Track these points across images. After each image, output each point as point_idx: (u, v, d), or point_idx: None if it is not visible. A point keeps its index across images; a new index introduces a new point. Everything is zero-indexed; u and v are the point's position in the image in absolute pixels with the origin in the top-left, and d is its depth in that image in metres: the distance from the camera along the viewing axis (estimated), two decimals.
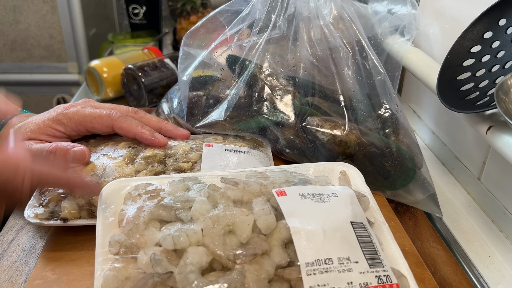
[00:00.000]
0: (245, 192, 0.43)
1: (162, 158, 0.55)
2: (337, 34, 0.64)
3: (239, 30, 0.67)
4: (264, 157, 0.61)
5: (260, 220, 0.40)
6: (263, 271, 0.37)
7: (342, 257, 0.38)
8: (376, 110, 0.63)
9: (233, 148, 0.59)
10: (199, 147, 0.58)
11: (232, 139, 0.62)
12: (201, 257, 0.37)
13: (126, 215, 0.41)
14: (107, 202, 0.43)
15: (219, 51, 0.68)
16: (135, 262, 0.38)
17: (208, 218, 0.40)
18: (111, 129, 0.57)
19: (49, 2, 1.42)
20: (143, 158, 0.54)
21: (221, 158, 0.56)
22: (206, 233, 0.39)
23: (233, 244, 0.38)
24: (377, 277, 0.38)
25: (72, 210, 0.49)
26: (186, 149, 0.57)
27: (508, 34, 0.51)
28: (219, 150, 0.58)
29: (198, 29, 0.70)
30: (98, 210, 0.43)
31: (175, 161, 0.55)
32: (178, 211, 0.41)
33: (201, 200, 0.42)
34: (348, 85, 0.63)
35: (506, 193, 0.57)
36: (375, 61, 0.64)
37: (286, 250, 0.39)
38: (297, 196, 0.43)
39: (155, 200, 0.42)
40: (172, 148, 0.57)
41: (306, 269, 0.37)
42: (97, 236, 0.40)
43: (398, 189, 0.60)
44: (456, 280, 0.50)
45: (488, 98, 0.49)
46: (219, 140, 0.61)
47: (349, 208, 0.43)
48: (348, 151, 0.59)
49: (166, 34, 1.18)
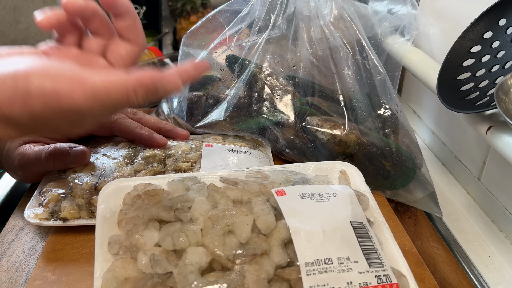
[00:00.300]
0: (245, 192, 0.43)
1: (161, 158, 0.55)
2: (337, 34, 0.64)
3: (238, 30, 0.67)
4: (264, 156, 0.60)
5: (260, 220, 0.40)
6: (263, 271, 0.37)
7: (342, 257, 0.38)
8: (376, 110, 0.63)
9: (233, 148, 0.59)
10: (199, 147, 0.58)
11: (231, 139, 0.62)
12: (201, 257, 0.37)
13: (126, 215, 0.41)
14: (106, 202, 0.43)
15: (219, 51, 0.68)
16: (134, 263, 0.38)
17: (207, 218, 0.40)
18: (109, 131, 0.57)
19: (49, 2, 1.42)
20: (143, 158, 0.54)
21: (221, 158, 0.56)
22: (205, 233, 0.39)
23: (232, 244, 0.38)
24: (376, 276, 0.38)
25: (72, 210, 0.49)
26: (185, 149, 0.57)
27: (508, 34, 0.51)
28: (218, 150, 0.58)
29: (197, 29, 0.70)
30: (97, 211, 0.42)
31: (175, 161, 0.55)
32: (178, 211, 0.41)
33: (201, 200, 0.42)
34: (348, 85, 0.63)
35: (506, 193, 0.57)
36: (375, 61, 0.64)
37: (285, 250, 0.39)
38: (296, 195, 0.43)
39: (155, 200, 0.42)
40: (172, 148, 0.57)
41: (306, 269, 0.37)
42: (97, 237, 0.40)
43: (398, 189, 0.60)
44: (456, 279, 0.50)
45: (488, 98, 0.49)
46: (219, 140, 0.61)
47: (349, 207, 0.43)
48: (348, 151, 0.59)
49: (166, 34, 1.18)
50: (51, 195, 0.50)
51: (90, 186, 0.51)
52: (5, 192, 0.64)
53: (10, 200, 0.63)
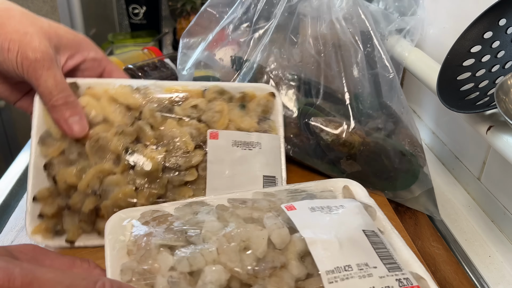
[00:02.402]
0: (255, 209, 0.43)
1: (162, 165, 0.49)
2: (348, 30, 0.62)
3: (235, 21, 0.66)
4: (274, 140, 0.55)
5: (274, 234, 0.39)
6: (284, 284, 0.37)
7: (361, 263, 0.38)
8: (382, 110, 0.63)
9: (241, 138, 0.53)
10: (203, 136, 0.52)
11: (237, 111, 0.55)
12: (220, 275, 0.37)
13: (136, 242, 0.40)
14: (114, 233, 0.42)
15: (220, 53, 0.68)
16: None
17: (221, 237, 0.39)
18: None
19: (49, 2, 1.42)
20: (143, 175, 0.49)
21: (229, 163, 0.51)
22: (221, 251, 0.38)
23: (250, 260, 0.38)
24: (397, 280, 0.38)
25: (75, 229, 0.48)
26: (189, 145, 0.50)
27: (508, 34, 0.51)
28: (225, 145, 0.52)
29: (193, 27, 0.69)
30: (105, 241, 0.41)
31: (177, 168, 0.50)
32: (189, 233, 0.40)
33: (211, 220, 0.41)
34: (355, 84, 0.63)
35: (506, 193, 0.57)
36: (385, 60, 0.63)
37: (303, 263, 0.39)
38: (306, 209, 0.43)
39: (164, 225, 0.41)
40: (169, 141, 0.50)
41: (327, 277, 0.36)
42: (107, 266, 0.39)
43: (400, 190, 0.60)
44: (456, 279, 0.50)
45: (488, 98, 0.49)
46: (225, 114, 0.54)
47: (359, 217, 0.43)
48: (352, 151, 0.59)
49: (166, 34, 1.18)
50: (48, 211, 0.48)
51: (91, 211, 0.48)
52: (5, 192, 0.64)
53: (10, 200, 0.63)
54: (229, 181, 0.51)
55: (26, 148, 0.76)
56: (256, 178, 0.52)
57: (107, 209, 0.47)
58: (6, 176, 0.68)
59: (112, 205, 0.47)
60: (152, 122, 0.51)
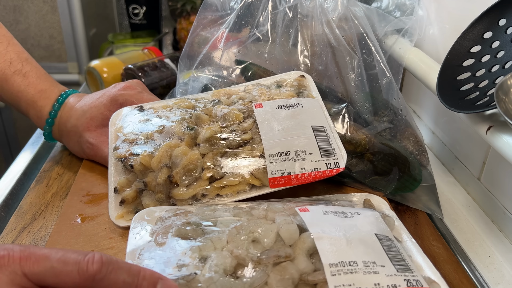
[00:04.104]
0: (269, 211, 0.45)
1: (220, 135, 0.54)
2: (342, 37, 0.64)
3: (229, 24, 0.68)
4: (313, 101, 0.59)
5: (283, 229, 0.40)
6: (287, 273, 0.37)
7: (368, 260, 0.38)
8: (381, 113, 0.63)
9: (283, 103, 0.58)
10: (249, 108, 0.57)
11: (274, 90, 0.61)
12: (225, 259, 0.38)
13: (156, 232, 0.43)
14: (140, 225, 0.45)
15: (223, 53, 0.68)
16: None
17: (232, 228, 0.41)
18: None
19: (49, 2, 1.42)
20: (205, 141, 0.53)
21: (276, 120, 0.55)
22: (230, 240, 0.40)
23: (257, 249, 0.39)
24: (406, 280, 0.37)
25: (153, 204, 0.51)
26: (238, 115, 0.56)
27: (508, 34, 0.51)
28: (270, 109, 0.57)
29: (193, 39, 0.72)
30: (129, 233, 0.44)
31: (231, 132, 0.54)
32: (204, 225, 0.42)
33: (226, 215, 0.44)
34: (353, 87, 0.63)
35: (506, 193, 0.57)
36: (381, 63, 0.64)
37: (310, 260, 0.39)
38: (320, 212, 0.43)
39: (183, 219, 0.44)
40: (222, 118, 0.56)
41: (330, 269, 0.37)
42: (127, 251, 0.42)
43: (401, 192, 0.60)
44: (457, 278, 0.50)
45: (488, 98, 0.49)
46: (265, 94, 0.60)
47: (373, 224, 0.43)
48: (358, 150, 0.59)
49: (166, 34, 1.18)
50: (128, 194, 0.52)
51: (165, 181, 0.51)
52: (5, 192, 0.64)
53: (10, 200, 0.63)
54: (281, 133, 0.54)
55: (26, 148, 0.76)
56: (305, 128, 0.55)
57: (178, 174, 0.51)
58: (6, 176, 0.68)
59: (183, 170, 0.51)
60: (205, 111, 0.57)
